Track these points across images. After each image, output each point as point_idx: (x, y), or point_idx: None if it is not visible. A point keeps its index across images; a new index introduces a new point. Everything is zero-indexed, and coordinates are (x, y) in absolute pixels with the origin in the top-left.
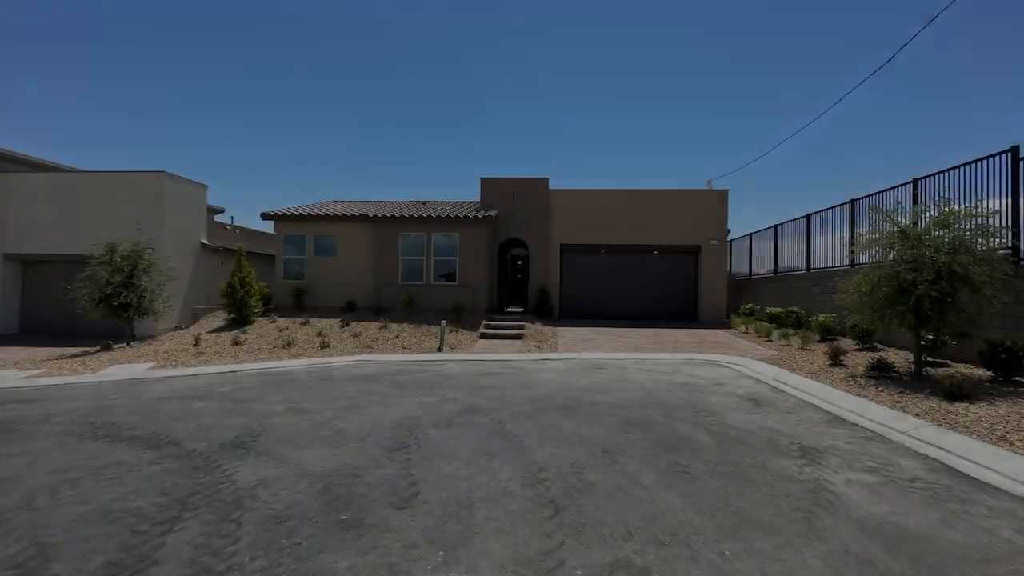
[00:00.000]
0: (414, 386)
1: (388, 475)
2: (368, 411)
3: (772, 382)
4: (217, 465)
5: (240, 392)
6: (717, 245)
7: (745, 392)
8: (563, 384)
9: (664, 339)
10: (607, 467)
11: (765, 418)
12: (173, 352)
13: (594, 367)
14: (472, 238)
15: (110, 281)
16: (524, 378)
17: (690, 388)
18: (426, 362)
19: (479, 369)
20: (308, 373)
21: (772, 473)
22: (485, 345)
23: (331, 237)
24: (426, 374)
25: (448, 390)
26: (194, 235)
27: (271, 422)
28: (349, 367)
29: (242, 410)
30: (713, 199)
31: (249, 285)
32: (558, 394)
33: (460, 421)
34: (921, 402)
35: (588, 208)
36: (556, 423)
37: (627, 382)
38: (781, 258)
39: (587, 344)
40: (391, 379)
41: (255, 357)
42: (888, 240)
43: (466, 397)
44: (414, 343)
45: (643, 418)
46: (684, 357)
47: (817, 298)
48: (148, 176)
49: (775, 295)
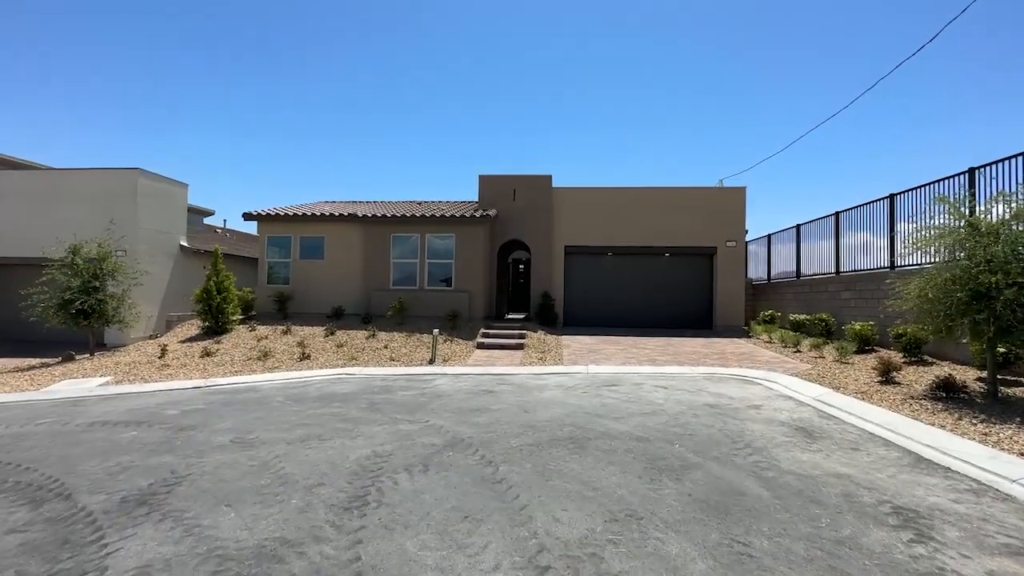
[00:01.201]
0: (394, 409)
1: (326, 558)
2: (330, 445)
3: (816, 404)
4: (99, 536)
5: (188, 417)
6: (735, 247)
7: (788, 418)
8: (569, 406)
9: (679, 350)
10: (635, 544)
11: (827, 457)
12: (135, 365)
13: (604, 383)
14: (469, 239)
15: (70, 286)
16: (524, 397)
17: (721, 412)
18: (414, 377)
19: (473, 385)
20: (278, 390)
21: (871, 556)
22: (482, 356)
23: (318, 239)
24: (411, 392)
25: (433, 414)
26: (172, 237)
27: (204, 462)
28: (326, 383)
29: (178, 443)
30: (730, 197)
31: (227, 290)
32: (563, 420)
33: (440, 461)
34: (1016, 434)
35: (594, 207)
36: (561, 465)
37: (644, 403)
38: (804, 261)
39: (594, 355)
40: (369, 399)
41: (225, 371)
42: (952, 237)
43: (452, 425)
44: (404, 354)
45: (671, 457)
46: (705, 371)
47: (849, 304)
48: (120, 173)
49: (798, 301)
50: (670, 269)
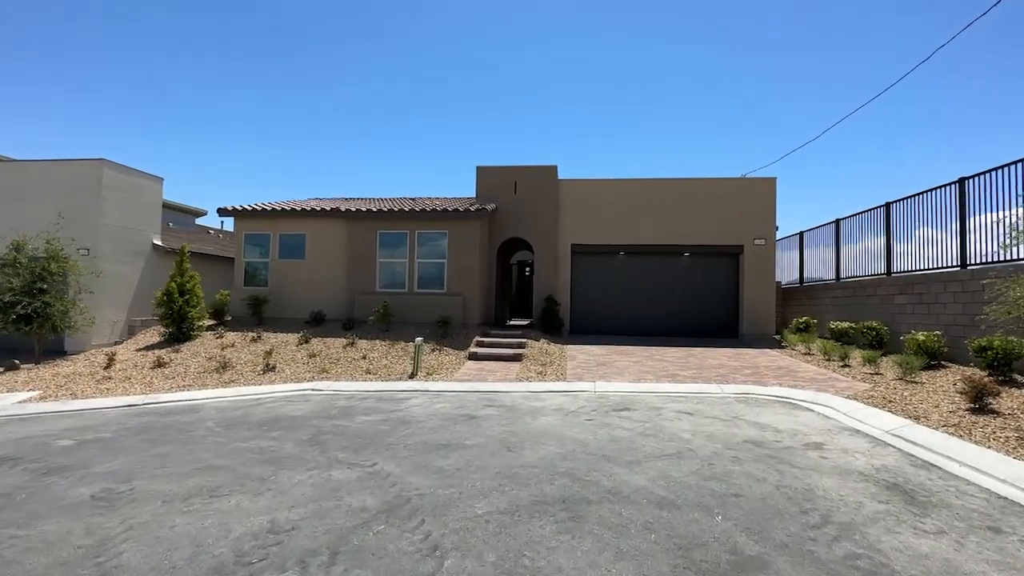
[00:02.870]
0: (340, 443)
1: None
2: (219, 507)
3: (898, 441)
4: None
5: (76, 452)
6: (764, 245)
7: (868, 466)
8: (567, 441)
9: (703, 363)
10: None
11: (959, 547)
12: (74, 378)
13: (614, 407)
14: (464, 236)
15: (10, 287)
16: (511, 427)
17: (771, 454)
18: (386, 396)
19: (453, 408)
20: (219, 411)
21: None
22: (473, 369)
23: (299, 236)
24: (374, 417)
25: (386, 453)
26: (144, 234)
27: (21, 537)
28: (281, 402)
29: (20, 497)
30: (758, 189)
31: (191, 292)
32: (557, 465)
33: (360, 546)
34: None
35: (604, 202)
36: (542, 556)
37: (666, 437)
38: (845, 261)
39: (603, 369)
40: (317, 427)
41: (173, 385)
42: None
43: (405, 472)
44: (383, 366)
45: (714, 541)
46: (738, 390)
47: (905, 310)
48: (83, 165)
49: (838, 307)
50: (690, 270)
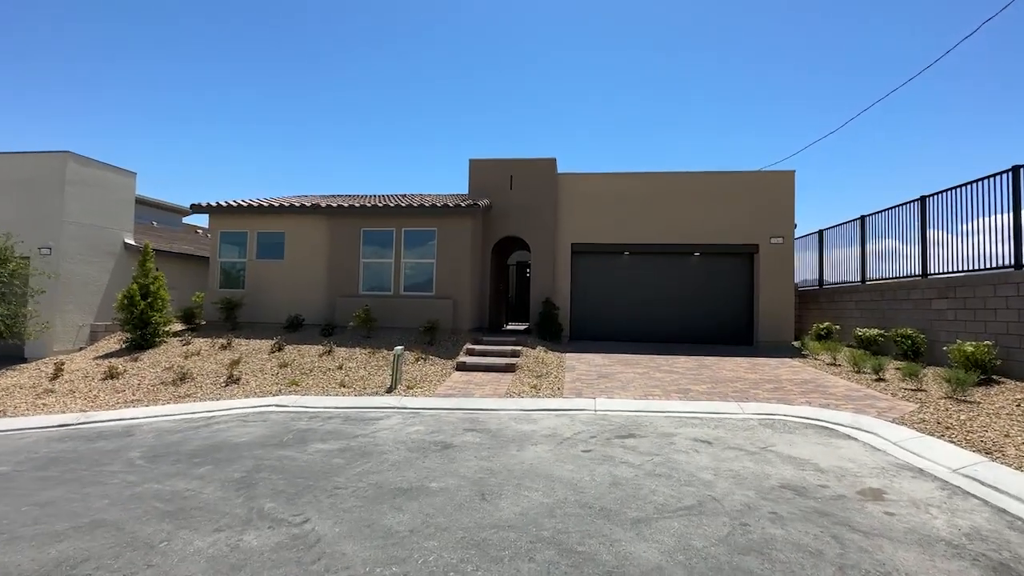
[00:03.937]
0: (277, 485)
1: None
2: None
3: (977, 488)
4: None
5: None
6: (782, 244)
7: (952, 529)
8: (557, 487)
9: (717, 374)
10: None
11: None
12: (12, 390)
13: (617, 433)
14: (455, 235)
15: None
16: (491, 462)
17: (820, 509)
18: (356, 414)
19: (428, 432)
20: (154, 435)
21: None
22: (460, 381)
23: (278, 235)
24: (332, 445)
25: (324, 505)
26: (114, 233)
27: None
28: (230, 423)
29: None
30: (776, 183)
31: (155, 295)
32: (541, 525)
33: None
34: None
35: (607, 197)
36: None
37: (681, 479)
38: (871, 262)
39: (605, 383)
40: (259, 459)
41: (121, 399)
42: None
43: (340, 537)
44: (360, 378)
45: None
46: (761, 412)
47: (945, 316)
48: (44, 158)
49: (864, 312)
50: (700, 271)
